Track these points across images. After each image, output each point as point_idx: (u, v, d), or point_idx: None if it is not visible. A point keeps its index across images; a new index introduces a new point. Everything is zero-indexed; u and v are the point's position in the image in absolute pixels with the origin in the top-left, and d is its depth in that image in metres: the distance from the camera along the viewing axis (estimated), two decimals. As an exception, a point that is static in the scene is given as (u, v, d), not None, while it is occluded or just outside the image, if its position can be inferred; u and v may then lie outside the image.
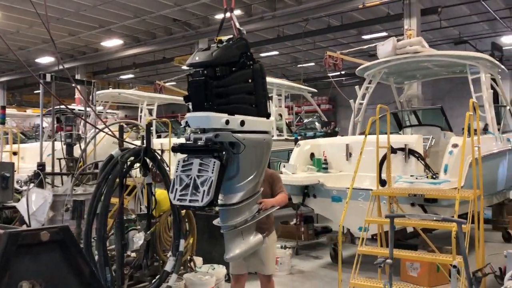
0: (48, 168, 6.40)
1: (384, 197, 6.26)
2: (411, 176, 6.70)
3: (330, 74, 18.31)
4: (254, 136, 3.64)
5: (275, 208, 4.41)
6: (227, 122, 3.45)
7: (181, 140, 3.72)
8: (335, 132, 12.77)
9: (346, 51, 16.64)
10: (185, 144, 3.60)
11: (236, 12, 16.75)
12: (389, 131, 6.58)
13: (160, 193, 5.28)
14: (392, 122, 8.43)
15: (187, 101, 3.63)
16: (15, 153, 10.04)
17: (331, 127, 12.98)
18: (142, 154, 4.77)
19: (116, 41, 22.04)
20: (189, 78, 3.58)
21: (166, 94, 18.16)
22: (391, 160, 6.51)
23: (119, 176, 4.68)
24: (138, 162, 4.84)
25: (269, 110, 3.83)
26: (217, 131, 3.44)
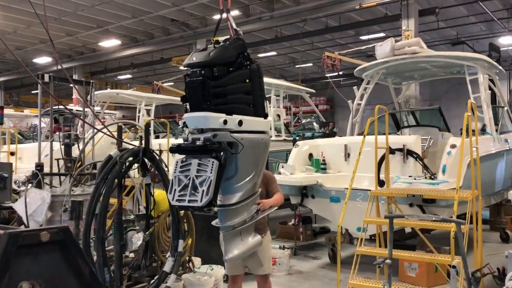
0: (46, 169, 6.39)
1: (383, 198, 6.28)
2: (410, 177, 6.72)
3: (328, 75, 18.36)
4: (252, 136, 3.63)
5: (274, 209, 4.42)
6: (225, 122, 3.44)
7: (179, 141, 3.69)
8: (333, 133, 12.78)
9: (344, 52, 16.69)
10: (183, 145, 3.59)
11: (234, 13, 16.77)
12: (388, 132, 6.60)
13: (159, 194, 5.28)
14: (390, 123, 8.44)
15: (184, 102, 3.61)
16: (13, 154, 10.03)
17: (329, 128, 13.00)
18: (141, 155, 4.78)
19: (114, 41, 22.00)
20: (187, 79, 3.58)
21: (164, 95, 18.16)
22: (390, 161, 6.53)
23: (118, 177, 4.68)
24: (137, 163, 4.84)
25: (267, 110, 3.82)
26: (215, 131, 3.43)
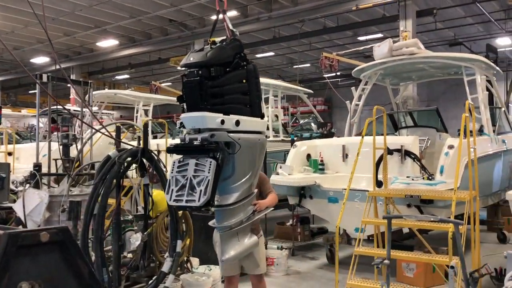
0: (44, 169, 6.38)
1: (381, 198, 6.29)
2: (407, 177, 6.73)
3: (326, 75, 18.36)
4: (249, 136, 3.63)
5: (270, 209, 4.43)
6: (223, 122, 3.44)
7: (176, 141, 3.69)
8: (331, 133, 12.79)
9: (342, 52, 16.72)
10: (181, 145, 3.59)
11: (232, 13, 16.79)
12: (385, 132, 6.61)
13: (157, 194, 5.27)
14: (388, 124, 8.45)
15: (181, 102, 3.61)
16: (10, 154, 10.01)
17: (327, 128, 13.01)
18: (140, 155, 4.77)
19: (112, 41, 21.98)
20: (184, 79, 3.58)
21: (162, 95, 18.15)
22: (388, 161, 6.54)
23: (116, 177, 4.67)
24: (136, 163, 4.83)
25: (263, 111, 3.83)
26: (213, 131, 3.43)
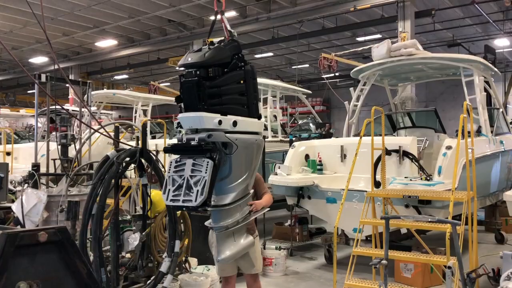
0: (43, 169, 6.38)
1: (379, 199, 6.30)
2: (405, 178, 6.74)
3: (325, 76, 18.39)
4: (246, 137, 3.65)
5: (266, 210, 4.43)
6: (220, 123, 3.45)
7: (175, 141, 3.70)
8: (330, 134, 12.80)
9: (341, 53, 16.76)
10: (178, 145, 3.60)
11: (231, 14, 16.80)
12: (384, 133, 6.62)
13: (156, 194, 5.28)
14: (386, 124, 8.46)
15: (179, 102, 3.62)
16: (9, 154, 9.99)
17: (326, 129, 13.02)
18: (138, 155, 4.77)
19: (111, 42, 21.98)
20: (181, 79, 3.58)
21: (161, 95, 18.14)
22: (386, 162, 6.55)
23: (115, 177, 4.68)
24: (134, 163, 4.83)
25: (260, 111, 3.84)
26: (210, 131, 3.44)
